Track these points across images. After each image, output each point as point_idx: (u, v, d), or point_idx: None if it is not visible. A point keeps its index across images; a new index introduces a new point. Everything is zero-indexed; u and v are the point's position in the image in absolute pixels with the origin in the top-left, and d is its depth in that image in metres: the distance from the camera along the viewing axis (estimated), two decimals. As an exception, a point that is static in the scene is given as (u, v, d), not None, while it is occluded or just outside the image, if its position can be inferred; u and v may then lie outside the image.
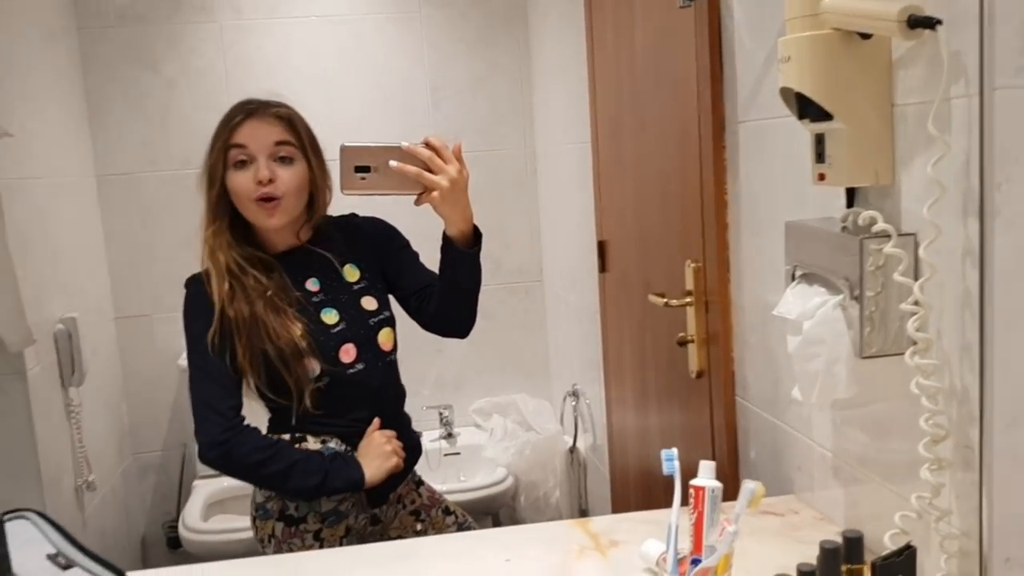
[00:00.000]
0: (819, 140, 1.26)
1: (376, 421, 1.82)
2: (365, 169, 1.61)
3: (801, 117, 1.26)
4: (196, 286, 1.77)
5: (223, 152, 1.73)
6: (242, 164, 1.72)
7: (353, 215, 1.94)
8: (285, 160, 1.74)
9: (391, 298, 1.92)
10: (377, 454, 1.79)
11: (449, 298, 1.82)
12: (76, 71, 3.20)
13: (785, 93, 1.26)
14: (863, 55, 1.19)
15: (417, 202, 1.65)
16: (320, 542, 1.83)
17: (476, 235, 1.74)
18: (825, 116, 1.21)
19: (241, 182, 1.72)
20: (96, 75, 3.26)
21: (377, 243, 1.92)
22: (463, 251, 1.72)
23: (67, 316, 2.71)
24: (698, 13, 1.80)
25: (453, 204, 1.65)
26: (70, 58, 3.14)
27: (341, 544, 1.86)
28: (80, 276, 3.02)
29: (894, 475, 1.28)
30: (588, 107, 2.64)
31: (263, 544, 1.85)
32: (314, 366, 1.75)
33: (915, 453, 1.13)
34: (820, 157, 1.27)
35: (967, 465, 1.11)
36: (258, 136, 1.73)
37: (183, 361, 3.20)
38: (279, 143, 1.74)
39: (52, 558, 1.22)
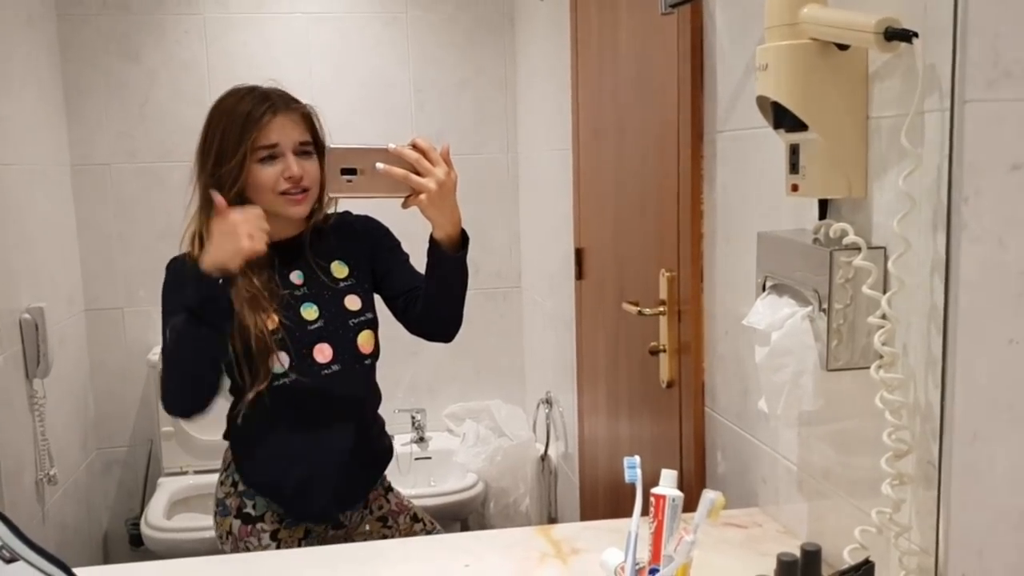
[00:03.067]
0: (794, 150, 1.26)
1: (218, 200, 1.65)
2: (351, 171, 1.58)
3: (776, 127, 1.25)
4: (181, 266, 1.72)
5: (251, 149, 1.68)
6: (269, 160, 1.70)
7: (347, 212, 1.92)
8: (306, 155, 1.74)
9: (378, 300, 1.90)
10: (222, 232, 1.58)
11: (434, 301, 1.79)
12: (55, 58, 3.16)
13: (761, 102, 1.25)
14: (840, 66, 1.18)
15: (404, 205, 1.62)
16: (277, 542, 1.82)
17: (464, 239, 1.71)
18: (800, 126, 1.20)
19: (268, 176, 1.69)
20: (75, 63, 3.23)
21: (368, 242, 1.90)
22: (449, 255, 1.69)
23: (34, 306, 2.67)
24: (680, 20, 1.80)
25: (440, 207, 1.62)
26: (49, 45, 3.11)
27: (300, 546, 1.84)
28: (50, 266, 2.98)
29: (856, 489, 1.27)
30: (570, 113, 2.64)
31: (221, 541, 1.84)
32: (282, 361, 1.72)
33: (878, 468, 1.12)
34: (794, 168, 1.26)
35: (928, 481, 1.10)
36: (287, 134, 1.71)
37: (154, 355, 3.19)
38: (304, 141, 1.74)
39: (-3, 549, 1.19)
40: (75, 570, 1.21)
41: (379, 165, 1.58)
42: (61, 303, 3.01)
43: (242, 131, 1.69)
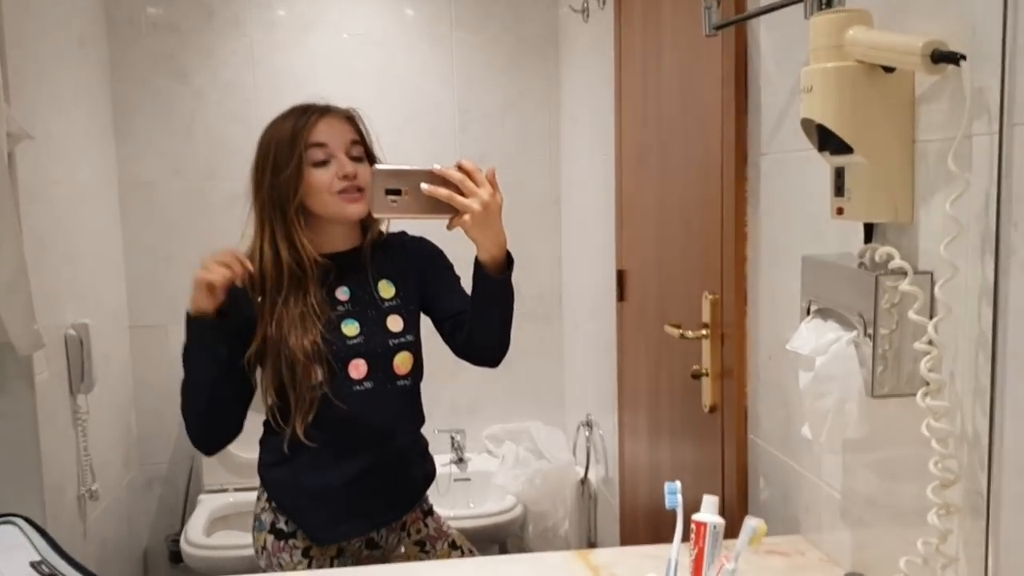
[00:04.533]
0: (839, 173, 1.24)
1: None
2: (396, 192, 1.59)
3: (821, 149, 1.24)
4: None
5: (303, 151, 1.72)
6: (321, 163, 1.73)
7: (403, 233, 1.93)
8: (358, 159, 1.76)
9: (427, 321, 1.89)
10: (194, 286, 1.67)
11: (480, 325, 1.78)
12: (104, 77, 3.21)
13: (806, 124, 1.24)
14: (886, 89, 1.16)
15: (449, 226, 1.62)
16: (309, 560, 1.82)
17: (509, 261, 1.70)
18: (846, 149, 1.18)
19: (323, 178, 1.72)
20: (124, 82, 3.27)
21: (420, 263, 1.90)
22: (494, 277, 1.68)
23: (79, 322, 2.70)
24: (725, 42, 1.79)
25: (486, 228, 1.61)
26: (99, 64, 3.16)
27: (332, 565, 1.84)
28: (96, 283, 3.02)
29: (902, 519, 1.25)
30: (614, 135, 2.63)
31: (258, 555, 1.86)
32: (317, 374, 1.73)
33: (924, 497, 1.10)
34: (839, 191, 1.24)
35: (976, 511, 1.07)
36: (335, 134, 1.74)
37: (196, 373, 3.20)
38: (353, 142, 1.76)
39: (35, 565, 1.21)
40: (113, 585, 1.21)
41: (424, 186, 1.58)
42: (106, 320, 3.05)
43: (292, 138, 1.72)
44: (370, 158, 1.79)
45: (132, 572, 3.25)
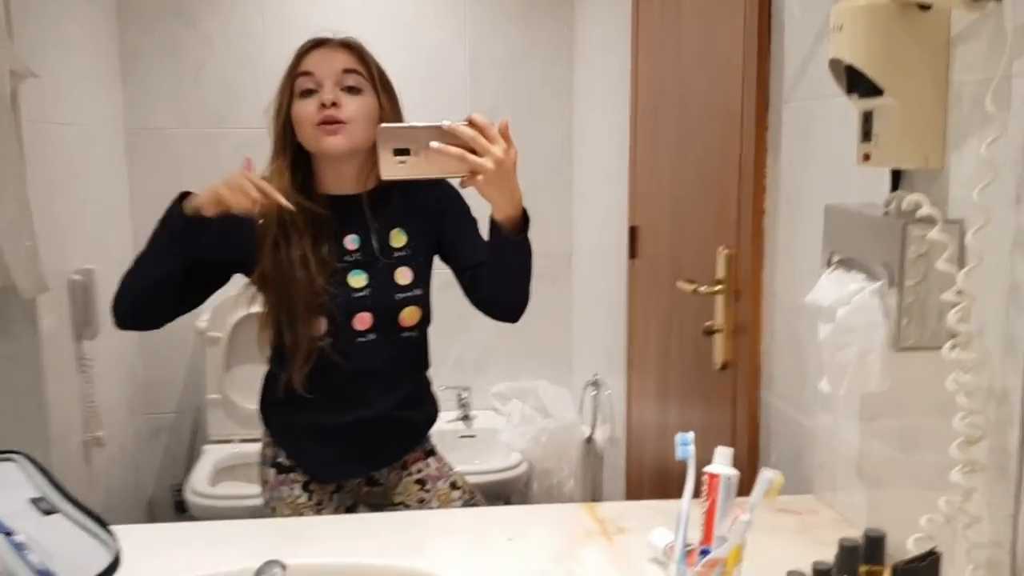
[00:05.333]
0: (867, 118, 1.19)
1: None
2: (404, 152, 1.48)
3: (849, 92, 1.19)
4: None
5: (290, 81, 1.70)
6: (308, 93, 1.68)
7: None
8: (353, 90, 1.69)
9: (437, 272, 1.84)
10: (224, 179, 1.59)
11: (498, 282, 1.71)
12: (112, 21, 3.16)
13: (835, 65, 1.18)
14: (921, 27, 1.11)
15: (462, 185, 1.54)
16: (309, 493, 1.82)
17: (525, 218, 1.62)
18: (875, 91, 1.13)
19: (306, 109, 1.67)
20: (132, 26, 3.22)
21: (436, 208, 1.82)
22: (511, 237, 1.61)
23: (84, 267, 2.67)
24: (747, -14, 1.73)
25: (500, 187, 1.52)
26: (106, 7, 3.10)
27: (332, 499, 1.84)
28: (102, 228, 2.98)
29: (922, 478, 1.21)
30: (629, 86, 2.57)
31: (262, 488, 1.87)
32: (321, 326, 1.69)
33: (946, 455, 1.06)
34: (867, 136, 1.19)
35: (1002, 470, 1.03)
36: (325, 63, 1.69)
37: (202, 323, 3.18)
38: (347, 71, 1.69)
39: (35, 502, 1.18)
40: (114, 527, 1.18)
41: (433, 144, 1.48)
42: (111, 266, 2.99)
43: (289, 68, 1.71)
44: (376, 88, 1.72)
45: (137, 520, 3.24)
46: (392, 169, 1.49)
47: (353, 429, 1.78)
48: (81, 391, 2.69)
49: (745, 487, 1.10)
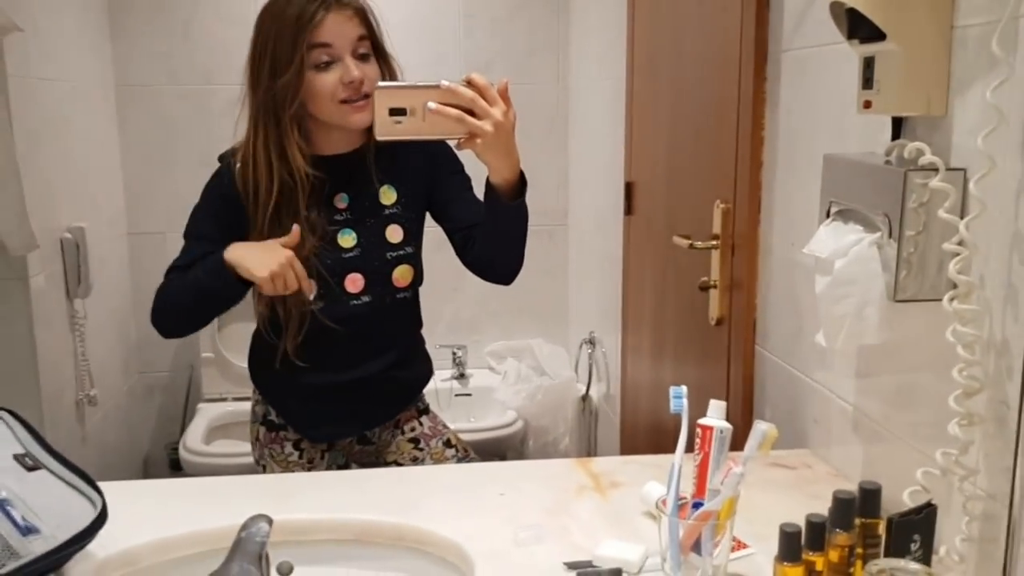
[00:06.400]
0: (868, 64, 1.17)
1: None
2: (401, 112, 1.44)
3: (851, 37, 1.16)
4: (231, 168, 1.68)
5: (304, 53, 1.58)
6: (325, 65, 1.60)
7: None
8: (365, 56, 1.63)
9: (429, 232, 1.80)
10: (265, 253, 1.58)
11: (492, 246, 1.67)
12: (98, -27, 3.10)
13: (835, 8, 1.16)
14: (924, -31, 1.08)
15: (458, 147, 1.50)
16: (300, 451, 1.81)
17: (522, 182, 1.57)
18: (877, 36, 1.11)
19: (326, 83, 1.59)
20: (118, -22, 3.17)
21: (428, 164, 1.76)
22: (508, 201, 1.56)
23: (75, 225, 2.64)
24: (746, -68, 1.69)
25: (498, 150, 1.48)
26: (92, -41, 3.05)
27: (323, 457, 1.83)
28: (92, 186, 2.95)
29: (919, 431, 1.19)
30: (625, 38, 2.53)
31: (252, 446, 1.86)
32: (311, 288, 1.66)
33: (944, 407, 1.05)
34: (868, 83, 1.17)
35: (1000, 422, 1.02)
36: (342, 33, 1.59)
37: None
38: (360, 38, 1.62)
39: (19, 458, 1.16)
40: (104, 484, 1.17)
41: (431, 104, 1.43)
42: (103, 225, 2.98)
43: (295, 34, 1.57)
44: (379, 54, 1.67)
45: (131, 478, 3.24)
46: (388, 129, 1.45)
47: (345, 390, 1.76)
48: (74, 349, 2.67)
49: (739, 443, 1.08)
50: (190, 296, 1.64)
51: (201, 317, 1.70)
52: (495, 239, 1.66)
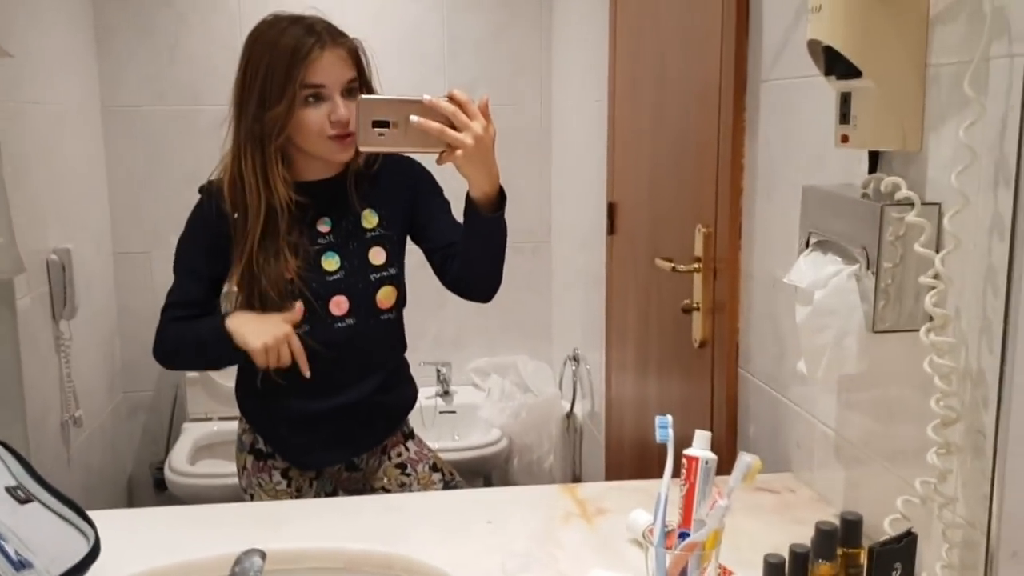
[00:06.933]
0: (845, 99, 1.19)
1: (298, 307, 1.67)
2: (384, 124, 1.48)
3: (828, 73, 1.19)
4: (212, 198, 1.70)
5: (297, 90, 1.60)
6: (315, 100, 1.62)
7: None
8: (352, 92, 1.65)
9: (412, 251, 1.83)
10: (263, 325, 1.62)
11: (472, 262, 1.70)
12: (86, -1, 3.11)
13: (813, 46, 1.18)
14: (899, 9, 1.11)
15: (439, 161, 1.52)
16: (288, 480, 1.81)
17: (502, 196, 1.61)
18: (854, 73, 1.13)
19: (315, 119, 1.62)
20: (106, 3, 3.17)
21: (407, 188, 1.80)
22: (487, 214, 1.59)
23: (61, 247, 2.65)
24: (727, -37, 1.72)
25: (478, 164, 1.51)
26: (80, -18, 3.06)
27: (312, 485, 1.84)
28: (79, 207, 2.95)
29: (899, 458, 1.22)
30: (608, 62, 2.56)
31: (239, 474, 1.86)
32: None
33: (923, 436, 1.07)
34: (845, 117, 1.19)
35: (977, 451, 1.04)
36: (335, 72, 1.63)
37: (179, 300, 3.16)
38: (351, 80, 1.66)
39: (11, 491, 1.16)
40: (93, 513, 1.18)
41: (413, 118, 1.47)
42: (89, 245, 2.99)
43: (288, 69, 1.60)
44: (368, 92, 1.69)
45: (116, 499, 3.24)
46: (371, 140, 1.49)
47: (333, 415, 1.78)
48: (59, 371, 2.67)
49: (724, 465, 1.11)
50: (191, 351, 1.71)
51: (202, 368, 1.76)
52: (475, 254, 1.69)
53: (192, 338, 1.68)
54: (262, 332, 1.59)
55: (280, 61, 1.60)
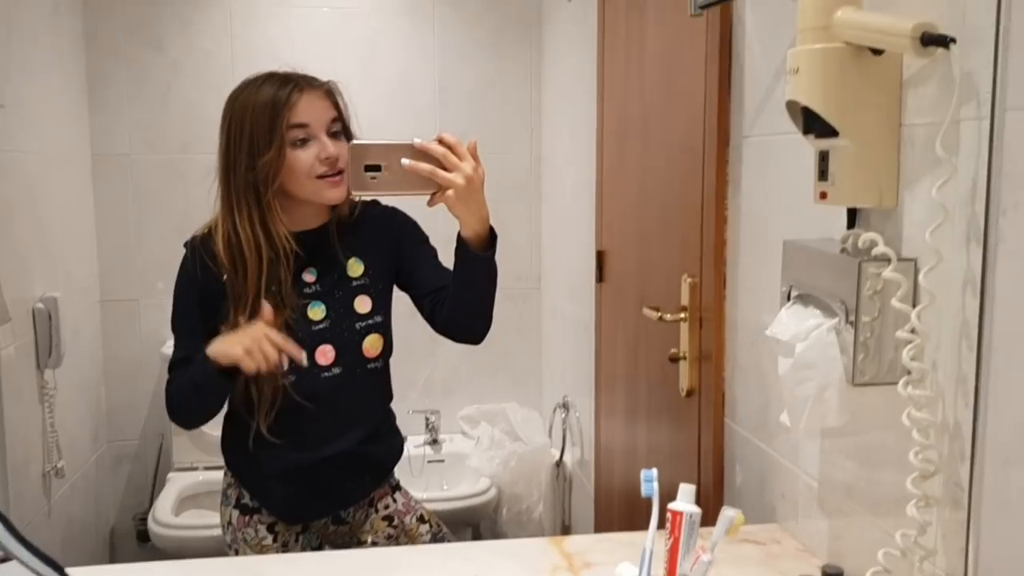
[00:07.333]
0: (823, 157, 1.21)
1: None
2: (375, 168, 1.50)
3: (806, 132, 1.21)
4: (196, 252, 1.72)
5: (280, 131, 1.64)
6: (302, 143, 1.66)
7: (375, 202, 1.85)
8: (337, 135, 1.69)
9: (399, 299, 1.84)
10: (237, 336, 1.61)
11: (462, 302, 1.71)
12: (78, 45, 3.14)
13: (791, 106, 1.21)
14: (874, 71, 1.14)
15: (430, 202, 1.54)
16: (274, 535, 1.80)
17: (492, 236, 1.63)
18: (831, 132, 1.16)
19: (304, 160, 1.65)
20: (98, 51, 3.21)
21: (393, 237, 1.82)
22: (478, 253, 1.61)
23: (48, 295, 2.65)
24: (710, 22, 1.76)
25: (469, 203, 1.54)
26: (73, 32, 3.09)
27: (298, 540, 1.83)
28: (66, 256, 2.96)
29: (880, 509, 1.23)
30: (595, 115, 2.60)
31: (224, 529, 1.84)
32: (283, 362, 1.68)
33: (903, 488, 1.08)
34: (823, 175, 1.22)
35: (956, 504, 1.05)
36: (316, 112, 1.67)
37: (167, 349, 3.15)
38: (333, 120, 1.70)
39: (-11, 549, 1.16)
40: (73, 570, 1.18)
41: (404, 161, 1.50)
42: (76, 293, 2.99)
43: (272, 116, 1.64)
44: (347, 134, 1.73)
45: (98, 551, 3.20)
46: (363, 184, 1.51)
47: (320, 467, 1.77)
48: (42, 421, 2.66)
49: (710, 515, 1.12)
50: (190, 395, 1.69)
51: (208, 409, 1.73)
52: (466, 294, 1.69)
53: (187, 385, 1.68)
54: (238, 340, 1.58)
55: (263, 112, 1.64)
